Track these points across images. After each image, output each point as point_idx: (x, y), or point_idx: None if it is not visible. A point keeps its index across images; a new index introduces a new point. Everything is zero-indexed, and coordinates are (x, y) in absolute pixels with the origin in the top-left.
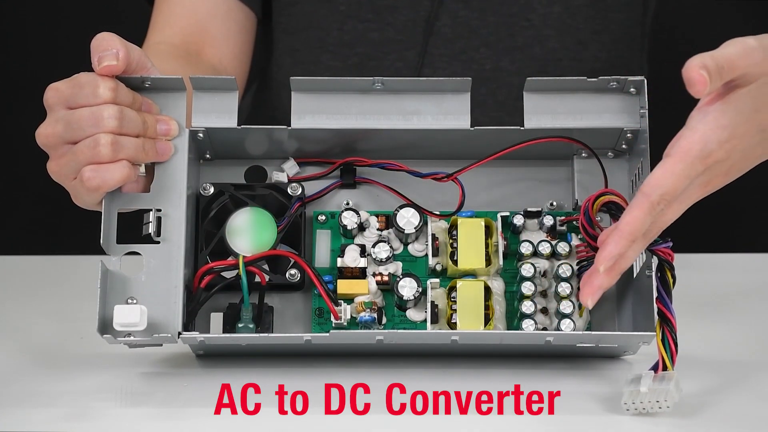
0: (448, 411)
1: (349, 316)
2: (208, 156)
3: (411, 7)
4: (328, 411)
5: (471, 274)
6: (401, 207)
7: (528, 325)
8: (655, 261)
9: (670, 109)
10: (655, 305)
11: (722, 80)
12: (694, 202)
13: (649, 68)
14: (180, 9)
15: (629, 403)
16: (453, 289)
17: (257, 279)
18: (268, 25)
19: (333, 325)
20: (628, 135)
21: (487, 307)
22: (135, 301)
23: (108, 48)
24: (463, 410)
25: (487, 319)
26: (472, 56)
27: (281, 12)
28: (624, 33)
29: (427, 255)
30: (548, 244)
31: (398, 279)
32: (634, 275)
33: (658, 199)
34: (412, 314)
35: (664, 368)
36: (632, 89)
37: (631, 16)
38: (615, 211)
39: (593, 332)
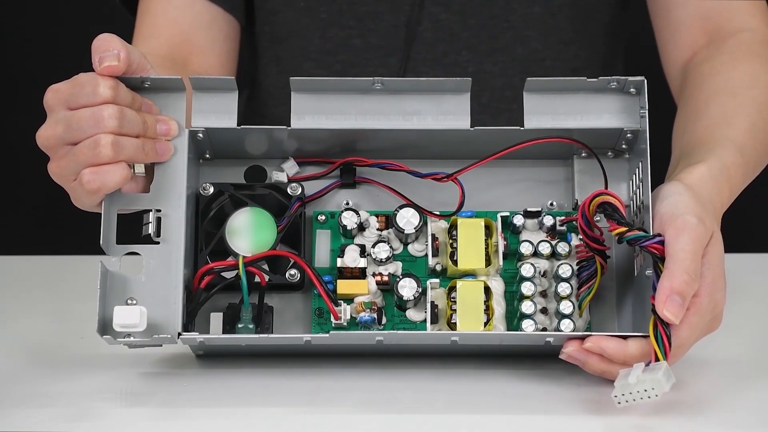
0: (448, 411)
1: (348, 316)
2: (207, 156)
3: (392, 13)
4: (327, 411)
5: (471, 275)
6: (401, 207)
7: (528, 325)
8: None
9: (650, 107)
10: (649, 301)
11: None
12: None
13: (629, 66)
14: (163, 20)
15: (619, 396)
16: (453, 289)
17: (257, 279)
18: (252, 33)
19: (333, 325)
20: (628, 135)
21: (486, 308)
22: (135, 302)
23: (109, 49)
24: (463, 410)
25: (487, 320)
26: (455, 59)
27: (264, 20)
28: (605, 31)
29: (426, 255)
30: (548, 244)
31: (398, 279)
32: (635, 274)
33: (675, 352)
34: (412, 314)
35: (656, 360)
36: (632, 89)
37: (612, 14)
38: (610, 212)
39: (592, 333)
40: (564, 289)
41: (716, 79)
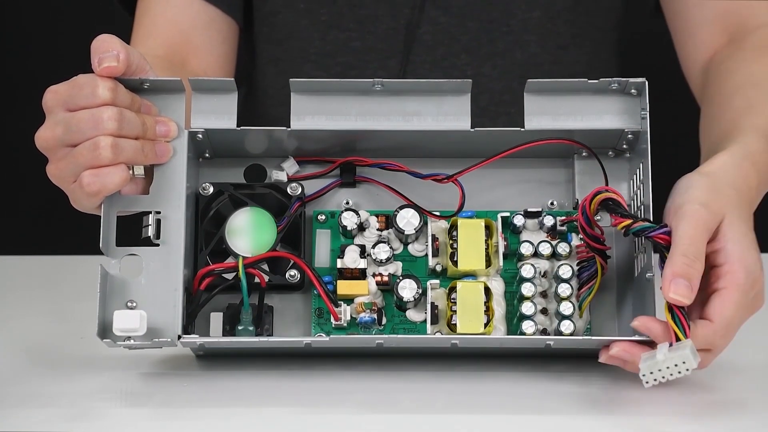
0: (448, 411)
1: (348, 317)
2: (207, 155)
3: (392, 16)
4: (327, 411)
5: (471, 275)
6: (401, 207)
7: (528, 326)
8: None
9: (651, 108)
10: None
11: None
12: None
13: (628, 71)
14: (162, 20)
15: (647, 375)
16: (453, 289)
17: (257, 280)
18: (251, 34)
19: (333, 325)
20: (629, 136)
21: (487, 308)
22: (134, 305)
23: (108, 49)
24: (463, 410)
25: (487, 321)
26: (454, 63)
27: (263, 22)
28: (603, 36)
29: (427, 255)
30: (548, 245)
31: (398, 280)
32: (635, 275)
33: (723, 331)
34: (412, 315)
35: (678, 340)
36: (633, 90)
37: (611, 19)
38: (613, 206)
39: (593, 337)
40: (564, 290)
41: (738, 74)
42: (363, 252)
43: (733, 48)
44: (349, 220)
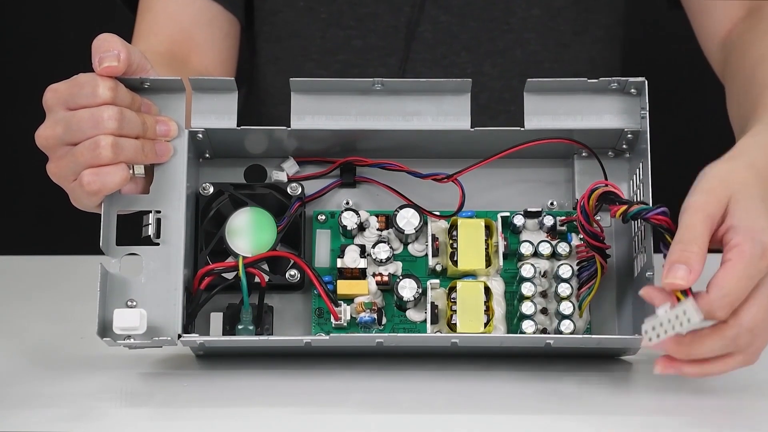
0: (448, 411)
1: (348, 317)
2: (207, 155)
3: (392, 14)
4: (327, 411)
5: (471, 275)
6: (401, 207)
7: (528, 326)
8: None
9: (650, 107)
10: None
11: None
12: None
13: (628, 69)
14: (164, 17)
15: (649, 331)
16: (453, 289)
17: (257, 279)
18: (251, 32)
19: (333, 325)
20: (629, 135)
21: (487, 308)
22: (135, 304)
23: (109, 49)
24: (463, 410)
25: (487, 320)
26: (454, 61)
27: (264, 21)
28: (605, 33)
29: (427, 255)
30: (548, 245)
31: (398, 280)
32: (635, 275)
33: (720, 302)
34: (412, 314)
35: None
36: (633, 90)
37: (612, 16)
38: (612, 198)
39: (593, 336)
40: (564, 289)
41: (759, 47)
42: (363, 252)
43: (752, 20)
44: (349, 220)
